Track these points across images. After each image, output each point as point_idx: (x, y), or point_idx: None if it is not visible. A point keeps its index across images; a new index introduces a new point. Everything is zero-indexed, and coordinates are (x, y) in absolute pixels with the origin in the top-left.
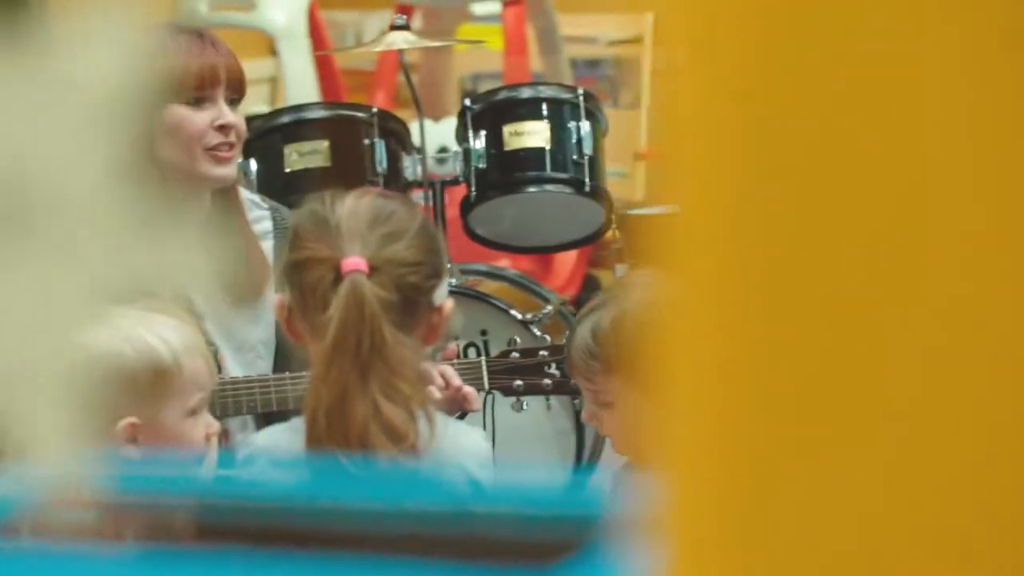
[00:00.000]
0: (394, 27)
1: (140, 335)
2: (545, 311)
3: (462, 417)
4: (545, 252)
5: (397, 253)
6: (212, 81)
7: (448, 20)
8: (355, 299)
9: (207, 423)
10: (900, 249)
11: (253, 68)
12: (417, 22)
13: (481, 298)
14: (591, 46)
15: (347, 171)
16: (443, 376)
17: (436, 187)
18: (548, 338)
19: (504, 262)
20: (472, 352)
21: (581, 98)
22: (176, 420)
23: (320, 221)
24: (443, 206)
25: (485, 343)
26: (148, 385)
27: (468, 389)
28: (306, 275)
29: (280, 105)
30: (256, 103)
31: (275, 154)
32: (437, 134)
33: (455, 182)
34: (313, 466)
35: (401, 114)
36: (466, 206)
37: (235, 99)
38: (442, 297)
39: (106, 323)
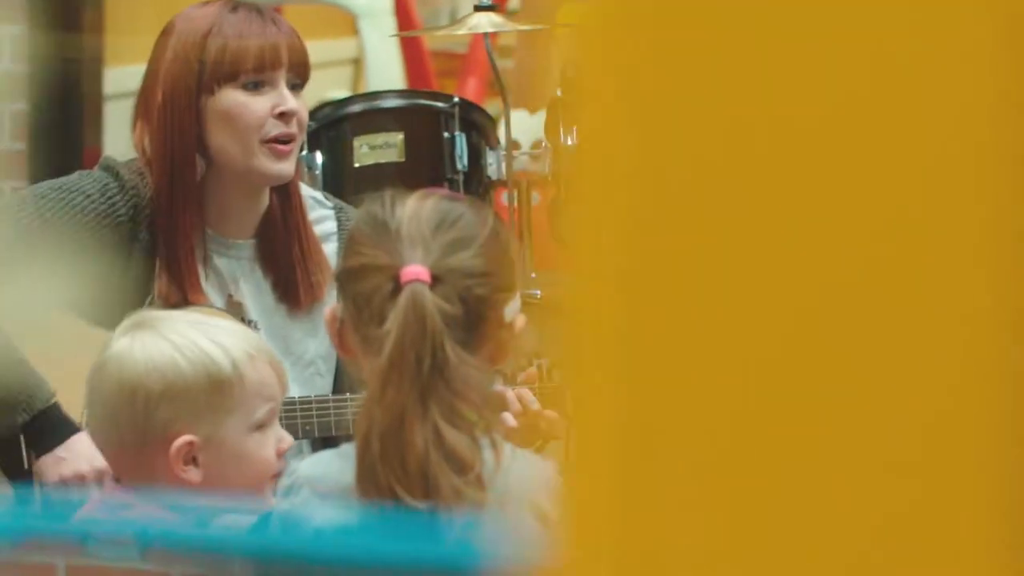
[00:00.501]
0: (478, 8)
1: (194, 341)
2: None
3: (543, 446)
4: None
5: (463, 262)
6: (273, 63)
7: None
8: (415, 312)
9: (279, 438)
10: (773, 245)
11: (333, 48)
12: (517, 1)
13: None
14: None
15: (423, 167)
16: (520, 400)
17: (522, 186)
18: None
19: None
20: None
21: None
22: (239, 436)
23: (379, 224)
24: (530, 208)
25: None
26: (204, 398)
27: (550, 414)
28: (361, 284)
29: (363, 90)
30: (337, 87)
31: (343, 147)
32: (533, 128)
33: (543, 181)
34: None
35: (495, 104)
36: (554, 208)
37: (298, 84)
38: (513, 312)
39: (157, 331)
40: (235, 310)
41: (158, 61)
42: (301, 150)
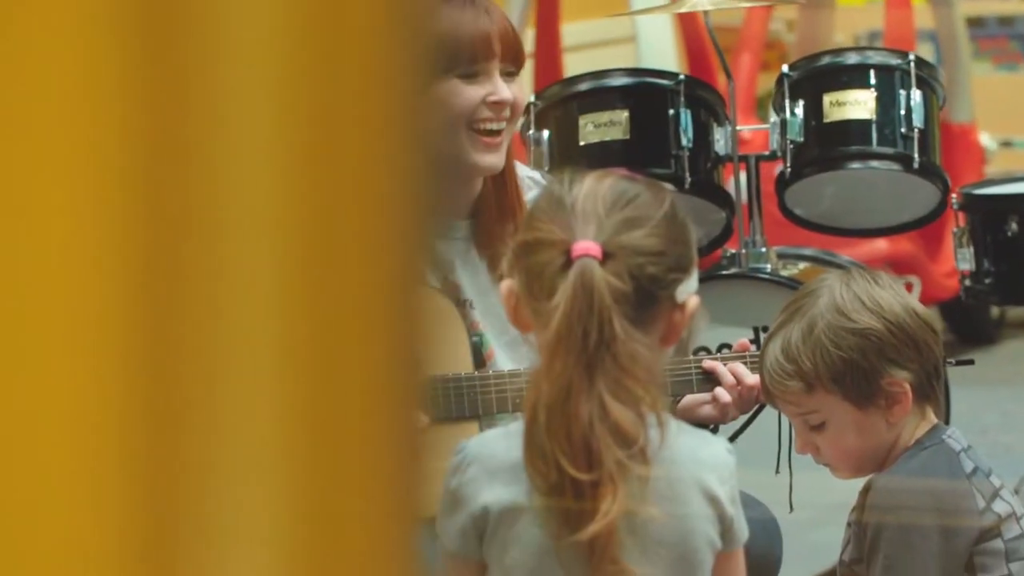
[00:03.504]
0: None
1: None
2: None
3: (757, 413)
4: (870, 235)
5: (636, 240)
6: (486, 54)
7: None
8: (584, 287)
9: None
10: None
11: (610, 28)
12: None
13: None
14: (1006, 1)
15: (647, 144)
16: (734, 374)
17: (751, 163)
18: None
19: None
20: None
21: (912, 64)
22: None
23: (556, 201)
24: (758, 183)
25: None
26: None
27: (759, 380)
28: (533, 257)
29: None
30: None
31: (570, 125)
32: None
33: (772, 157)
34: None
35: (768, 78)
36: (781, 183)
37: (512, 72)
38: (686, 293)
39: None
40: (451, 291)
41: None
42: (528, 128)
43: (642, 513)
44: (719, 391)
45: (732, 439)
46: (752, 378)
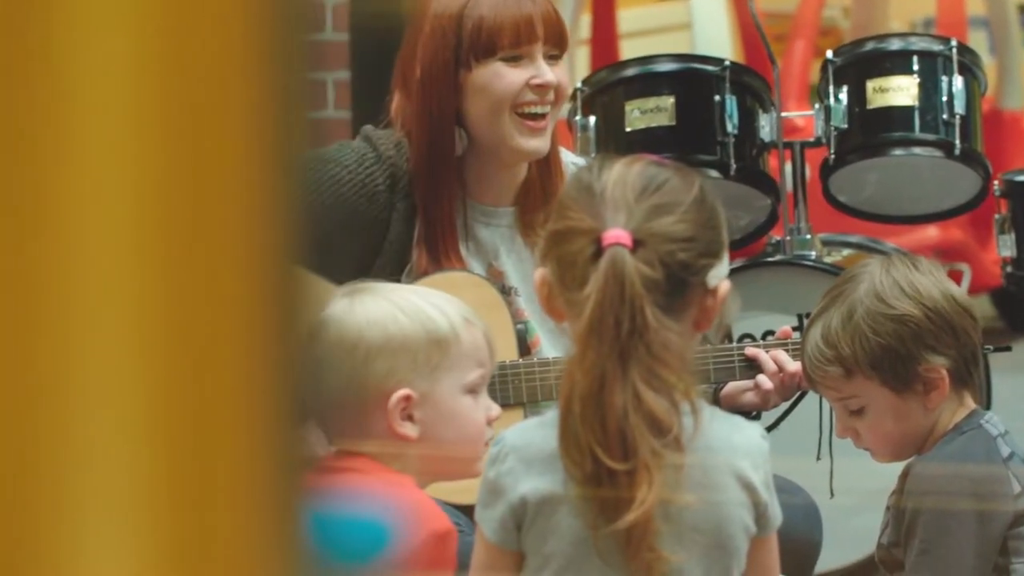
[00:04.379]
0: None
1: (412, 301)
2: None
3: (799, 400)
4: (912, 222)
5: (666, 226)
6: (529, 37)
7: None
8: (615, 275)
9: (487, 406)
10: None
11: (665, 14)
12: None
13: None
14: None
15: (693, 131)
16: (776, 361)
17: (795, 149)
18: None
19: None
20: None
21: (954, 50)
22: (453, 396)
23: (585, 188)
24: (803, 170)
25: None
26: (423, 353)
27: (800, 366)
28: (564, 247)
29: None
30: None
31: (616, 111)
32: None
33: (816, 144)
34: None
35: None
36: (825, 170)
37: (555, 55)
38: (718, 278)
39: (376, 294)
40: (496, 278)
41: (415, 34)
42: (575, 114)
43: (677, 501)
44: (761, 378)
45: (774, 426)
46: (794, 365)
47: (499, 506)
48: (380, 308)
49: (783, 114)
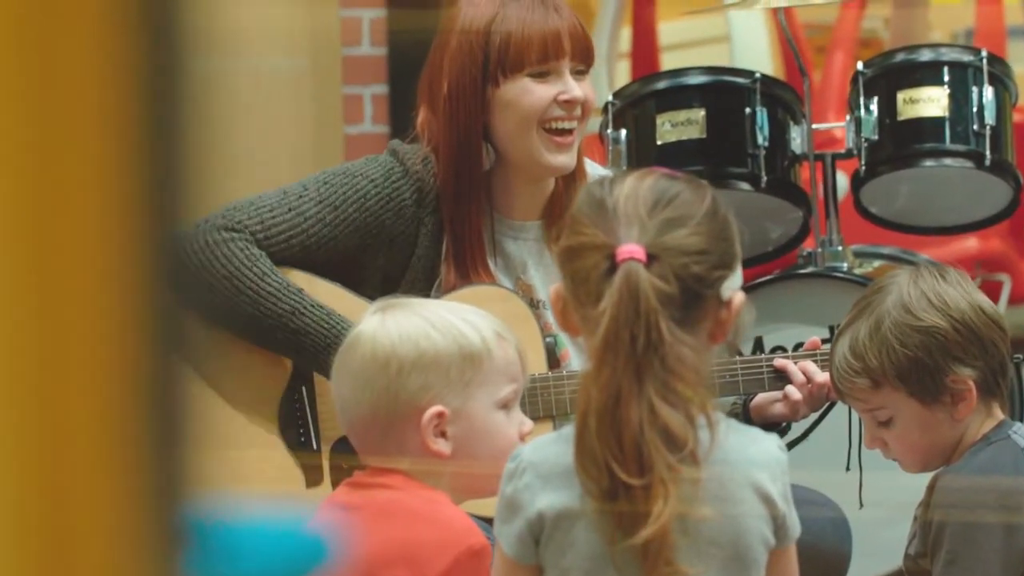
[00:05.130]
0: None
1: (445, 317)
2: None
3: (828, 411)
4: (944, 233)
5: (679, 240)
6: (556, 53)
7: None
8: (630, 291)
9: (520, 421)
10: None
11: (704, 27)
12: None
13: None
14: None
15: (724, 143)
16: (805, 372)
17: (826, 161)
18: None
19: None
20: None
21: (984, 61)
22: (486, 411)
23: (597, 204)
24: (835, 182)
25: None
26: (456, 369)
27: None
28: (579, 263)
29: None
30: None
31: (647, 124)
32: None
33: (847, 155)
34: None
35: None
36: (856, 181)
37: (581, 70)
38: (732, 289)
39: (408, 309)
40: (525, 292)
41: (442, 47)
42: (606, 127)
43: (695, 515)
44: (790, 389)
45: (803, 437)
46: (822, 376)
47: (517, 521)
48: (412, 324)
49: (814, 126)
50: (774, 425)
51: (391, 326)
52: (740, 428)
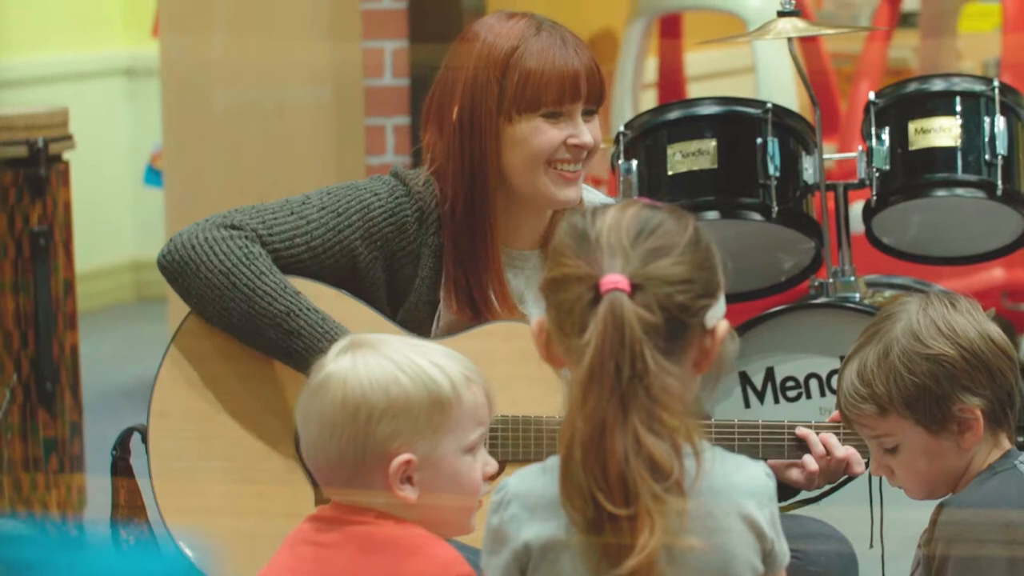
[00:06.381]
0: (781, 13)
1: (415, 361)
2: None
3: (844, 483)
4: (956, 263)
5: (663, 269)
6: (572, 95)
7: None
8: (615, 321)
9: (485, 462)
10: None
11: (732, 57)
12: (914, 1)
13: None
14: None
15: (735, 174)
16: (825, 444)
17: (838, 191)
18: None
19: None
20: None
21: (996, 91)
22: (454, 457)
23: (580, 235)
24: (847, 212)
25: None
26: (425, 416)
27: (849, 452)
28: (563, 294)
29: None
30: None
31: (658, 155)
32: None
33: (859, 185)
34: None
35: None
36: (868, 212)
37: (591, 111)
38: (716, 318)
39: (378, 352)
40: (521, 321)
41: (456, 71)
42: (618, 158)
43: (681, 544)
44: (808, 459)
45: (815, 500)
46: (843, 451)
47: (503, 553)
48: (383, 369)
49: (825, 156)
50: (785, 488)
51: (361, 370)
52: (726, 455)
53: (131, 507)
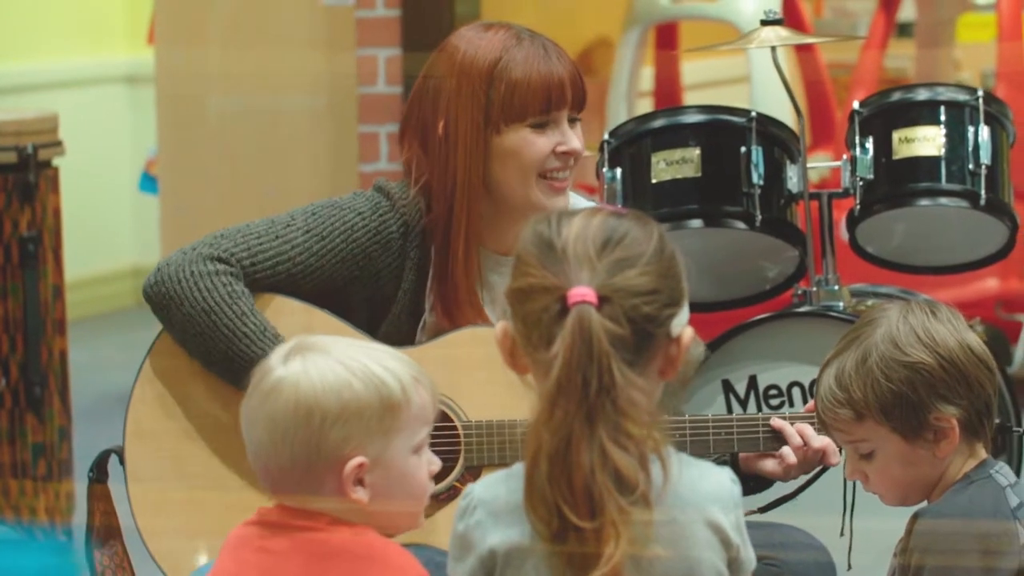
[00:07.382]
0: (764, 22)
1: (365, 364)
2: None
3: (820, 474)
4: (940, 272)
5: (630, 281)
6: (558, 103)
7: (947, 10)
8: (583, 335)
9: (429, 460)
10: None
11: (726, 67)
12: (911, 11)
13: None
14: None
15: (719, 182)
16: (801, 435)
17: (823, 200)
18: None
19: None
20: None
21: (980, 100)
22: (403, 457)
23: (545, 244)
24: (831, 221)
25: None
26: (377, 419)
27: (825, 442)
28: (529, 305)
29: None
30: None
31: (642, 163)
32: None
33: (843, 194)
34: None
35: None
36: (851, 221)
37: (575, 119)
38: (680, 326)
39: (328, 355)
40: (488, 326)
41: (438, 84)
42: (602, 166)
43: (647, 554)
44: (786, 450)
45: (791, 496)
46: (819, 441)
47: (469, 559)
48: (334, 373)
49: (809, 164)
50: (764, 480)
51: (313, 374)
52: (692, 462)
53: (107, 528)
